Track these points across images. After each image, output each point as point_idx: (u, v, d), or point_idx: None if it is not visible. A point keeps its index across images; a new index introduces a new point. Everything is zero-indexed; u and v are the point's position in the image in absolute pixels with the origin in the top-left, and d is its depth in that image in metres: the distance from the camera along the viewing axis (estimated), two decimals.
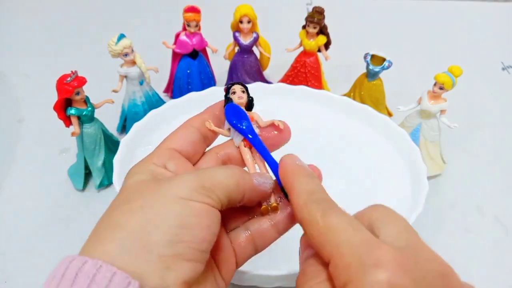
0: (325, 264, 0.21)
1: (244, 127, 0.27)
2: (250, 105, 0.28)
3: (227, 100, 0.28)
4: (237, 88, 0.28)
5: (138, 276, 0.19)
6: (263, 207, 0.26)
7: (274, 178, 0.27)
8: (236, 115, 0.27)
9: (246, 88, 0.28)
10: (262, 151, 0.27)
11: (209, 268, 0.24)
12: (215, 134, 0.28)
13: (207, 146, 0.28)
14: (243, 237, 0.26)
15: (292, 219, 0.26)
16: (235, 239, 0.26)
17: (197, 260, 0.21)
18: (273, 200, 0.26)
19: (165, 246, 0.20)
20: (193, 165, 0.27)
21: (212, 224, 0.22)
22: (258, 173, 0.26)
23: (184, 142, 0.26)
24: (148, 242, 0.20)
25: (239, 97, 0.28)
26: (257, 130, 0.27)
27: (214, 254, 0.25)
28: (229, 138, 0.28)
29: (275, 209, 0.26)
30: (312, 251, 0.23)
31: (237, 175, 0.24)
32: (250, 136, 0.27)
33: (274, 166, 0.26)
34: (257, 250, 0.26)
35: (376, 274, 0.18)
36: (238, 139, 0.27)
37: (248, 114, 0.28)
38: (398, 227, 0.21)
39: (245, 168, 0.27)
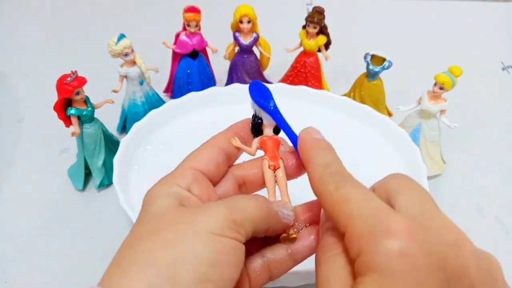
0: (342, 237, 0.21)
1: (271, 107, 0.27)
2: (277, 129, 0.28)
3: (256, 121, 0.28)
4: None
5: None
6: (283, 235, 0.25)
7: (293, 206, 0.26)
8: (262, 94, 0.27)
9: None
10: (285, 126, 0.27)
11: None
12: (238, 153, 0.28)
13: (229, 167, 0.27)
14: (258, 265, 0.25)
15: (310, 250, 0.26)
16: (250, 266, 0.25)
17: None
18: (291, 231, 0.26)
19: (193, 285, 0.19)
20: (214, 186, 0.26)
21: (240, 261, 0.22)
22: (281, 204, 0.26)
23: (208, 163, 0.25)
24: (176, 281, 0.19)
25: (270, 124, 0.28)
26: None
27: None
28: (253, 158, 0.28)
29: (293, 240, 0.25)
30: (331, 224, 0.23)
31: (265, 209, 0.23)
32: (278, 116, 0.27)
33: (295, 141, 0.26)
34: (271, 278, 0.26)
35: (387, 243, 0.18)
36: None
37: (274, 138, 0.28)
38: (413, 196, 0.21)
39: (264, 190, 0.27)
